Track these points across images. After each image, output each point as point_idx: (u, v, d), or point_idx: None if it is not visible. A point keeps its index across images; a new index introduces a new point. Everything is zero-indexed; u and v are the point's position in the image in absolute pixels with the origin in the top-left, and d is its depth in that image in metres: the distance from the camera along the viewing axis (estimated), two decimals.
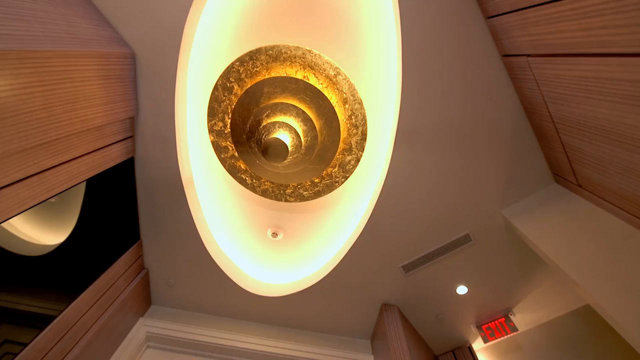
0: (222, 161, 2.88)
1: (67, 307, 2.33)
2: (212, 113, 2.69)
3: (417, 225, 2.76)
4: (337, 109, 2.56)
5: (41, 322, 2.17)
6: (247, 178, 2.92)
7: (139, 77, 2.35)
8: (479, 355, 3.29)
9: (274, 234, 3.25)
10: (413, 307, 3.17)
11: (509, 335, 3.06)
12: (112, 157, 2.30)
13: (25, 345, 2.01)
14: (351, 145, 2.73)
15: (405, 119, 2.38)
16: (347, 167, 2.84)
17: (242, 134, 2.64)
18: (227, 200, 3.11)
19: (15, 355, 1.96)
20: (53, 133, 1.75)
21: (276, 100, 2.49)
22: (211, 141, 2.80)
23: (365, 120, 2.63)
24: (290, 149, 2.29)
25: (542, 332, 3.31)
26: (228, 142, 2.77)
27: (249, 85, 2.53)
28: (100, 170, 2.18)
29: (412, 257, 2.93)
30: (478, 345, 3.37)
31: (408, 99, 2.31)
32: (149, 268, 3.10)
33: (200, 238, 2.91)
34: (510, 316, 3.17)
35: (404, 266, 2.98)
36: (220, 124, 2.72)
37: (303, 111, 2.41)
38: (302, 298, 3.14)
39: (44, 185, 1.81)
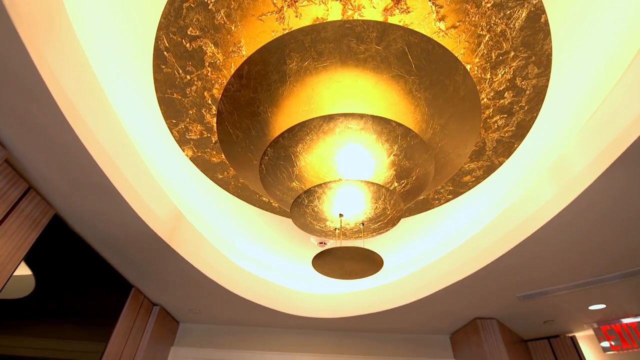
0: (222, 183, 1.54)
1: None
2: (171, 111, 1.18)
3: (574, 255, 1.59)
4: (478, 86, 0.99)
5: None
6: (271, 200, 1.64)
7: None
8: (583, 348, 2.66)
9: (322, 243, 2.19)
10: (516, 319, 2.35)
11: None
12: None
13: None
14: (484, 145, 1.26)
15: None
16: (463, 180, 1.45)
17: (244, 148, 1.21)
18: (247, 210, 1.92)
19: None
20: None
21: (325, 90, 0.94)
22: (190, 158, 1.39)
23: (542, 100, 1.08)
24: (375, 227, 0.93)
25: None
26: (223, 156, 1.36)
27: (240, 38, 0.93)
28: None
29: (540, 287, 1.88)
30: (581, 333, 2.68)
31: None
32: (160, 303, 2.28)
33: (210, 279, 1.91)
34: None
35: (523, 296, 1.98)
36: (198, 128, 1.24)
37: (400, 126, 0.88)
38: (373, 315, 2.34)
39: None
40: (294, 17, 0.91)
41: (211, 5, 0.88)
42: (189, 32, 0.94)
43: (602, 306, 2.15)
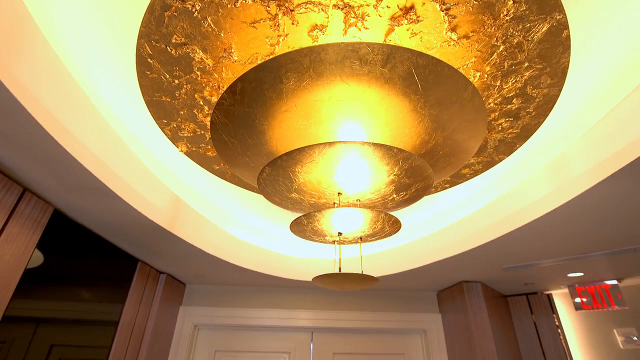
0: (218, 174, 1.52)
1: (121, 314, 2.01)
2: (161, 112, 1.11)
3: (562, 243, 1.67)
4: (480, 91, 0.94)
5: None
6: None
7: None
8: (557, 304, 2.91)
9: None
10: (499, 282, 2.54)
11: (611, 309, 2.52)
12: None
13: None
14: (486, 144, 1.24)
15: None
16: (462, 172, 1.45)
17: (240, 153, 1.17)
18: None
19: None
20: None
21: (325, 107, 0.88)
22: (184, 153, 1.36)
23: (551, 107, 1.04)
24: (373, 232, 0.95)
25: None
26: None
27: (231, 44, 0.84)
28: None
29: (525, 261, 2.00)
30: (557, 291, 2.92)
31: None
32: (166, 272, 2.40)
33: (212, 255, 2.00)
34: (618, 285, 2.52)
35: (508, 267, 2.11)
36: (191, 126, 1.19)
37: (402, 152, 0.85)
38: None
39: None
40: (290, 24, 0.82)
41: (196, 13, 0.78)
42: (173, 40, 0.85)
43: (581, 274, 2.32)
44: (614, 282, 2.51)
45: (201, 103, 1.08)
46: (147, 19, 0.79)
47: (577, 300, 2.65)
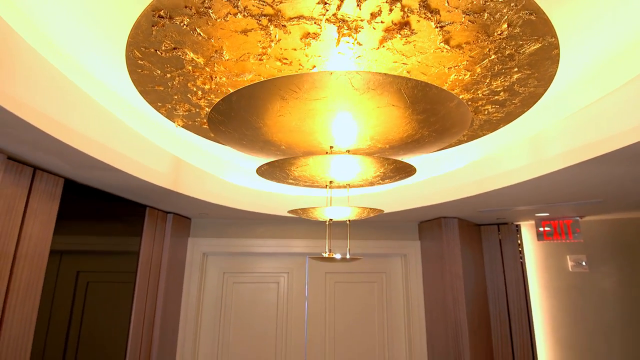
0: (215, 140, 1.57)
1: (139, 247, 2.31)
2: (155, 97, 1.12)
3: (535, 198, 1.85)
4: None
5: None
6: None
7: None
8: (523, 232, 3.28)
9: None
10: (475, 218, 2.83)
11: (568, 242, 2.88)
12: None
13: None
14: (472, 123, 1.29)
15: None
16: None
17: (238, 139, 1.23)
18: None
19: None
20: None
21: (319, 114, 0.91)
22: (182, 127, 1.39)
23: (536, 101, 1.07)
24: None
25: (603, 226, 3.07)
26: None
27: (222, 46, 0.83)
28: None
29: (500, 207, 2.22)
30: (525, 222, 3.27)
31: None
32: (172, 212, 2.61)
33: (213, 203, 2.18)
34: (579, 220, 2.83)
35: (484, 210, 2.34)
36: (186, 106, 1.21)
37: (389, 160, 0.92)
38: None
39: None
40: (282, 33, 0.80)
41: (185, 26, 0.76)
42: (163, 47, 0.83)
43: (547, 214, 2.59)
44: (576, 217, 2.82)
45: (194, 89, 1.09)
46: (135, 32, 0.76)
47: (541, 229, 3.01)
